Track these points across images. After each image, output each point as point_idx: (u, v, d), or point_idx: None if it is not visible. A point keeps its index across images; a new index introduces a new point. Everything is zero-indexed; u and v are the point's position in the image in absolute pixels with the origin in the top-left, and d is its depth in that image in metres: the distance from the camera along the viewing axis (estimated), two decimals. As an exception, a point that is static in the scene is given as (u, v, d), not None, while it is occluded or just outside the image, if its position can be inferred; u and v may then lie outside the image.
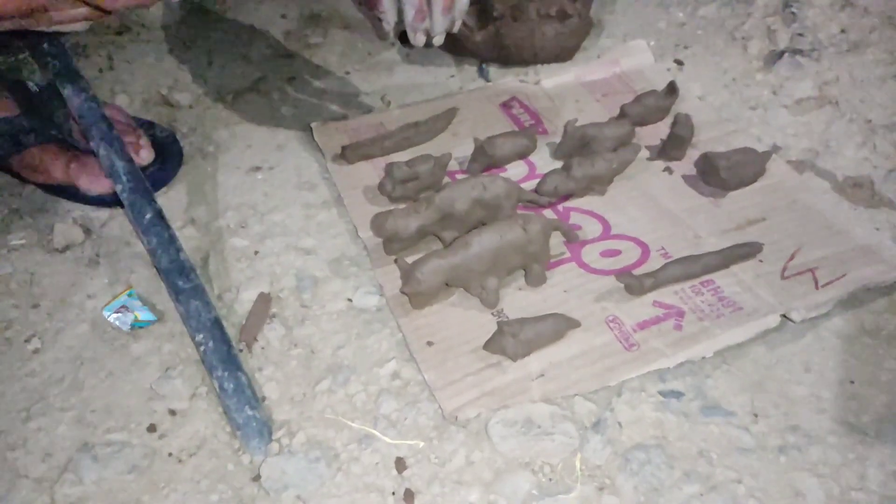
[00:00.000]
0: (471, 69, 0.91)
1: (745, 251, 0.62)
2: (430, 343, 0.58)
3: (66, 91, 0.68)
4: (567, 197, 0.70)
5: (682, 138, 0.73)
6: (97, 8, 0.46)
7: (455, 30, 0.69)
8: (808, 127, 0.80)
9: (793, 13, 0.96)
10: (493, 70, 0.91)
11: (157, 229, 0.61)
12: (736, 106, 0.83)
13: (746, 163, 0.69)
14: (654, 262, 0.63)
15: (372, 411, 0.54)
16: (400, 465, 0.51)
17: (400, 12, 0.66)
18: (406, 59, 0.94)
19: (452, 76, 0.91)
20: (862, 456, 0.51)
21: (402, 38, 0.93)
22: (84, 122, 0.67)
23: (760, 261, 0.62)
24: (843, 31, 0.93)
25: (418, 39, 0.68)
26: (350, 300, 0.63)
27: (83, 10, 0.47)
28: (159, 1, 0.41)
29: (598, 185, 0.70)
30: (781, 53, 0.89)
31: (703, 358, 0.56)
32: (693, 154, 0.73)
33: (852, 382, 0.56)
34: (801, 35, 0.93)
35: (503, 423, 0.52)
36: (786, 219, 0.67)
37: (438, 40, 0.68)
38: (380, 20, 0.67)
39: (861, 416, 0.53)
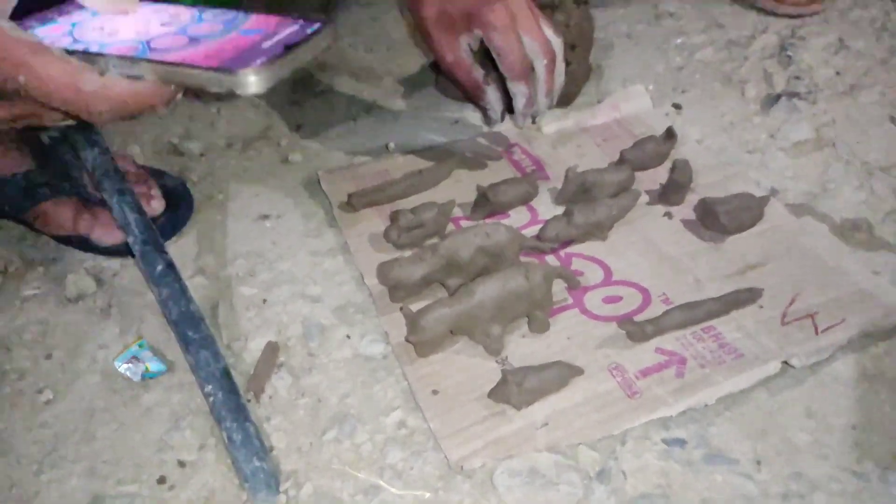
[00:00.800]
0: (474, 116, 0.93)
1: (746, 297, 0.63)
2: (435, 391, 0.58)
3: (79, 143, 0.70)
4: (569, 243, 0.72)
5: (681, 184, 0.74)
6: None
7: (552, 106, 0.76)
8: (805, 170, 0.81)
9: (789, 56, 0.99)
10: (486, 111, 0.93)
11: (168, 280, 0.63)
12: (734, 149, 0.85)
13: (745, 208, 0.70)
14: (656, 308, 0.63)
15: (378, 461, 0.55)
16: (406, 516, 0.52)
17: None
18: (410, 107, 0.96)
19: (456, 122, 0.93)
20: (865, 503, 0.51)
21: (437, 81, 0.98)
22: (97, 174, 0.69)
23: (761, 306, 0.63)
24: (838, 73, 0.95)
25: (525, 123, 0.75)
26: (356, 348, 0.64)
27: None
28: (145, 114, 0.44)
29: (598, 231, 0.71)
30: (778, 97, 0.91)
31: (706, 405, 0.57)
32: (692, 199, 0.75)
33: (854, 428, 0.56)
34: (797, 78, 0.95)
35: (508, 472, 0.53)
36: (785, 263, 0.68)
37: (542, 119, 0.77)
38: (485, 110, 0.75)
39: (864, 463, 0.54)
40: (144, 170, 0.78)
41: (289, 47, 0.42)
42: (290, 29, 0.44)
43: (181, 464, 0.56)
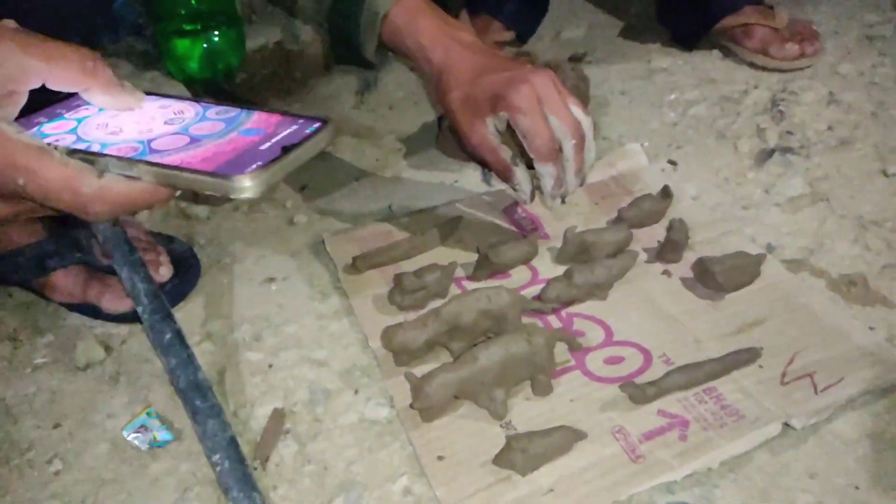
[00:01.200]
0: (474, 174, 0.95)
1: (745, 357, 0.64)
2: (440, 458, 0.59)
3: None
4: (570, 303, 0.73)
5: (678, 242, 0.75)
6: None
7: (584, 184, 0.75)
8: (801, 225, 0.82)
9: (781, 111, 1.01)
10: (495, 175, 0.95)
11: (177, 349, 0.64)
12: (729, 205, 0.86)
13: (741, 266, 0.71)
14: (657, 369, 0.64)
15: (385, 530, 0.55)
16: (414, 586, 0.52)
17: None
18: (412, 166, 0.98)
19: (456, 181, 0.95)
20: (872, 567, 0.51)
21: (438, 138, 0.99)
22: (106, 244, 0.70)
23: (760, 366, 0.64)
24: (829, 127, 0.98)
25: (555, 204, 0.74)
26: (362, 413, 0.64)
27: None
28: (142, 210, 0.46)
29: (599, 291, 0.73)
30: (772, 152, 0.93)
31: (710, 468, 0.57)
32: (690, 256, 0.76)
33: (857, 488, 0.56)
34: (789, 133, 0.97)
35: (514, 540, 0.53)
36: (783, 321, 0.69)
37: (571, 199, 0.76)
38: (515, 190, 0.74)
39: (868, 524, 0.54)
40: (153, 236, 0.80)
41: (286, 149, 0.43)
42: (289, 129, 0.45)
43: (189, 535, 0.56)
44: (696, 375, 0.62)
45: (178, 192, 0.45)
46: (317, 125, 0.45)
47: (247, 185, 0.40)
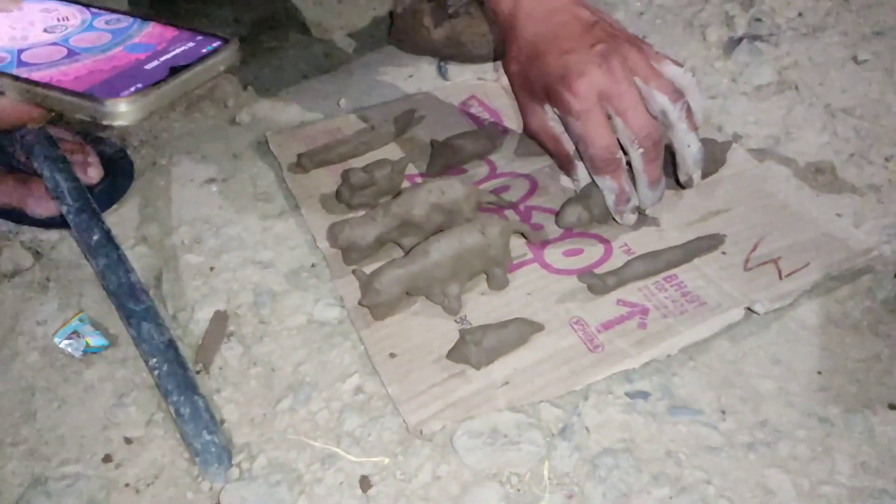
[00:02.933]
0: (429, 69, 0.90)
1: (708, 244, 0.61)
2: (392, 355, 0.56)
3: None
4: (529, 195, 0.69)
5: (642, 131, 0.72)
6: None
7: (693, 184, 0.64)
8: (768, 114, 0.79)
9: (750, -2, 0.96)
10: (451, 68, 0.90)
11: (106, 251, 0.59)
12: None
13: (707, 154, 0.68)
14: (618, 259, 0.62)
15: (335, 429, 0.53)
16: (364, 483, 0.50)
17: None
18: (363, 62, 0.92)
19: (410, 76, 0.89)
20: (831, 448, 0.50)
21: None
22: (26, 142, 0.65)
23: (723, 253, 0.62)
24: (800, 14, 0.93)
25: (627, 220, 0.63)
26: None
27: None
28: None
29: None
30: (740, 40, 0.89)
31: (669, 356, 0.55)
32: (654, 147, 0.72)
33: (819, 373, 0.55)
34: (758, 20, 0.92)
35: (469, 434, 0.51)
36: (748, 208, 0.66)
37: (651, 211, 0.64)
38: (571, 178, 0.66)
39: (829, 408, 0.53)
40: (81, 137, 0.74)
41: (175, 70, 0.38)
42: (183, 47, 0.39)
43: (127, 441, 0.53)
44: (657, 263, 0.60)
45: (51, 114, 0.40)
46: (216, 44, 0.40)
47: (121, 111, 0.36)
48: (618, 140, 0.60)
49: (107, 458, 0.52)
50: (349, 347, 0.58)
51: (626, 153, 0.61)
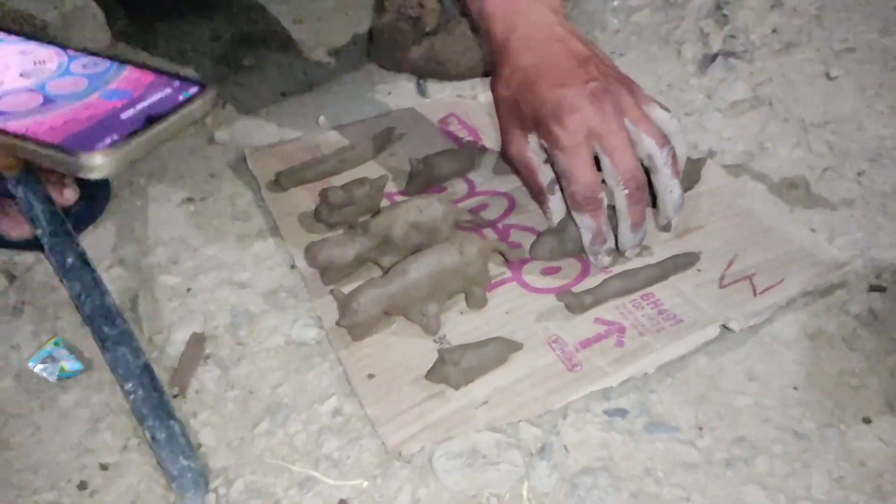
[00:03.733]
0: (408, 86, 0.90)
1: (683, 262, 0.62)
2: (371, 376, 0.56)
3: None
4: (507, 213, 0.70)
5: (619, 149, 0.72)
6: None
7: (670, 229, 0.65)
8: (743, 130, 0.80)
9: (724, 15, 0.97)
10: (431, 86, 0.90)
11: (80, 274, 0.59)
12: (671, 112, 0.83)
13: (682, 171, 0.69)
14: (595, 278, 0.62)
15: (313, 451, 0.53)
16: (343, 507, 0.49)
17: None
18: (343, 79, 0.93)
19: (390, 94, 0.89)
20: (807, 464, 0.51)
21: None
22: (-1, 164, 0.64)
23: (699, 270, 0.62)
24: (774, 31, 0.95)
25: (601, 261, 0.62)
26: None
27: None
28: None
29: None
30: (714, 56, 0.90)
31: (646, 373, 0.56)
32: (631, 163, 0.73)
33: (796, 388, 0.56)
34: (733, 37, 0.94)
35: (447, 455, 0.51)
36: (723, 225, 0.67)
37: (631, 254, 0.63)
38: (544, 212, 0.66)
39: (805, 423, 0.53)
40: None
41: (152, 119, 0.37)
42: (160, 94, 0.39)
43: (103, 467, 0.53)
44: (634, 282, 0.60)
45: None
46: (193, 90, 0.39)
47: (96, 164, 0.35)
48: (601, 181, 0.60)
49: (82, 486, 0.52)
50: (327, 368, 0.58)
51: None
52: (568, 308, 0.59)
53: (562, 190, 0.62)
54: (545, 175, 0.63)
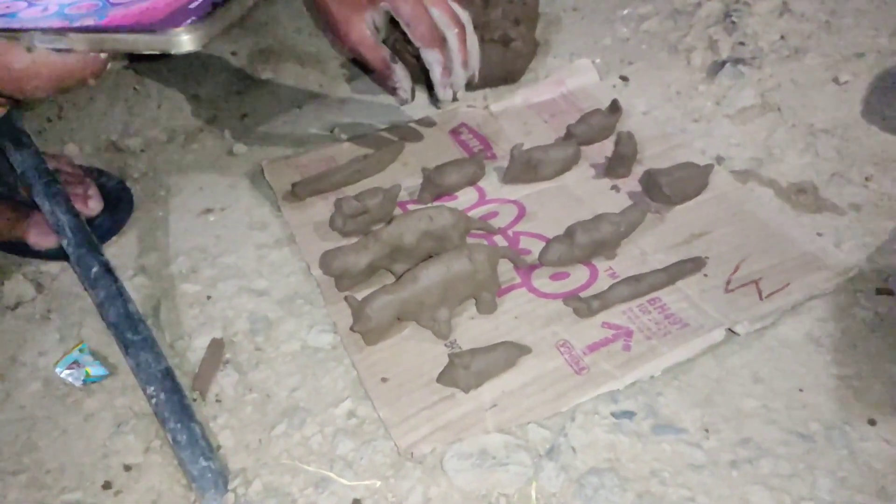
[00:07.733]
0: (420, 96, 0.92)
1: (690, 266, 0.63)
2: (384, 379, 0.58)
3: (7, 147, 0.68)
4: (517, 221, 0.71)
5: (626, 156, 0.74)
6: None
7: (475, 81, 0.75)
8: (751, 136, 0.81)
9: (733, 22, 0.98)
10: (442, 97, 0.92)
11: (104, 283, 0.61)
12: (680, 119, 0.84)
13: (688, 177, 0.70)
14: (603, 283, 0.63)
15: (328, 453, 0.54)
16: (357, 506, 0.51)
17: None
18: (356, 91, 0.95)
19: (403, 104, 0.91)
20: (812, 465, 0.51)
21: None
22: (26, 177, 0.67)
23: (705, 275, 0.63)
24: (782, 37, 0.95)
25: (447, 94, 0.74)
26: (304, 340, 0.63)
27: None
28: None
29: (605, 250, 0.66)
30: (723, 63, 0.91)
31: (653, 376, 0.57)
32: (638, 171, 0.74)
33: (801, 391, 0.56)
34: (741, 44, 0.94)
35: (458, 456, 0.53)
36: (730, 230, 0.68)
37: (461, 94, 0.75)
38: (395, 90, 0.73)
39: (810, 425, 0.54)
40: (81, 169, 0.76)
41: (216, 4, 0.43)
42: None
43: (126, 468, 0.55)
44: (641, 286, 0.61)
45: (110, 65, 0.45)
46: None
47: (185, 39, 0.41)
48: None
49: (106, 486, 0.54)
50: (342, 372, 0.60)
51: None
52: (576, 312, 0.60)
53: (402, 54, 0.72)
54: (385, 49, 0.72)
